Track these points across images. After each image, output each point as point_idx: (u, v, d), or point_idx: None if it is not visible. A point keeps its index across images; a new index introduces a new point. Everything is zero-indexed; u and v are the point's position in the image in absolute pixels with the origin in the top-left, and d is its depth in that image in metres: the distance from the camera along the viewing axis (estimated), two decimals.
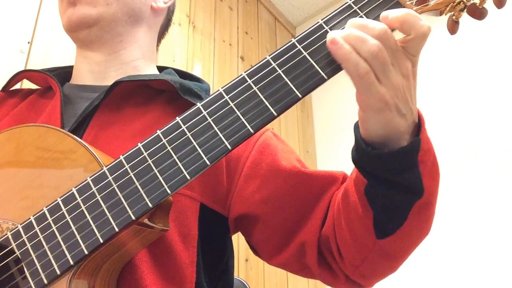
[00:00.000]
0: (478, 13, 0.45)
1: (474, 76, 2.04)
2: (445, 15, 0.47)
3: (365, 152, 0.47)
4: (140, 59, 0.79)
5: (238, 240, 1.71)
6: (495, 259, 1.73)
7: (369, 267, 0.58)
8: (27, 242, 0.48)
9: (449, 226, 1.84)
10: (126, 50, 0.77)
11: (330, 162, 2.42)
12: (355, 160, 0.50)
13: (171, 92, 0.71)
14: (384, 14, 0.45)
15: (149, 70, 0.81)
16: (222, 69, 2.02)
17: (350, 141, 0.50)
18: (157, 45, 0.88)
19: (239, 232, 0.73)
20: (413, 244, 0.56)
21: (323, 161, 2.47)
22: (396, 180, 0.47)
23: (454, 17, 0.46)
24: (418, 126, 0.48)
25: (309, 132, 2.57)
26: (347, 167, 0.65)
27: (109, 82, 0.70)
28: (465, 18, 0.47)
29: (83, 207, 0.47)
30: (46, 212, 0.48)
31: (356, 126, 0.50)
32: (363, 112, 0.46)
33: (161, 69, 0.84)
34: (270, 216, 0.65)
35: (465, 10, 0.46)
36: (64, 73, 0.80)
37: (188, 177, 0.45)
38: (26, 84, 0.84)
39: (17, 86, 0.81)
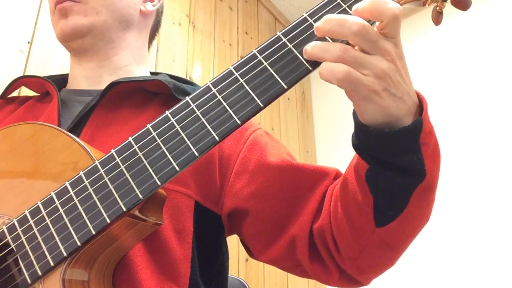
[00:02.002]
0: (462, 3, 0.44)
1: (467, 72, 2.04)
2: (428, 5, 0.47)
3: (365, 133, 0.46)
4: (133, 63, 0.81)
5: (238, 240, 1.71)
6: (494, 258, 1.73)
7: (367, 259, 0.57)
8: (21, 235, 0.49)
9: (447, 225, 1.84)
10: (119, 56, 0.79)
11: (330, 162, 2.41)
12: (355, 145, 0.49)
13: (165, 95, 0.73)
14: (354, 7, 0.44)
15: (142, 73, 0.83)
16: (222, 69, 2.01)
17: (350, 141, 0.50)
18: (149, 46, 0.90)
19: None
20: (413, 233, 0.55)
21: (323, 161, 2.47)
22: (398, 162, 0.46)
23: (437, 7, 0.46)
24: (421, 108, 0.48)
25: (309, 132, 2.57)
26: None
27: (104, 86, 0.72)
28: (450, 9, 0.47)
29: (75, 200, 0.48)
30: (40, 206, 0.49)
31: (354, 112, 0.49)
32: (357, 105, 0.46)
33: (155, 75, 0.86)
34: (259, 210, 0.65)
35: (449, 0, 0.45)
36: (60, 80, 0.82)
37: (177, 168, 0.45)
38: (24, 92, 0.85)
39: (15, 93, 0.83)
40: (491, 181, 1.83)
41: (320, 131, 2.60)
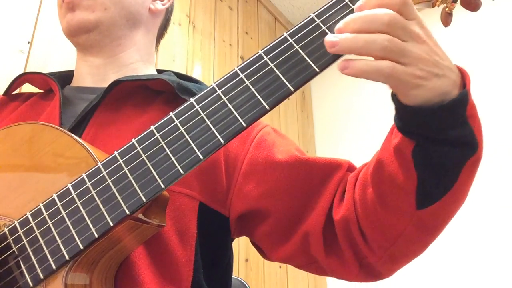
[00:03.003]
0: (472, 4, 0.44)
1: (472, 72, 2.03)
2: (438, 6, 0.46)
3: (413, 113, 0.45)
4: (139, 61, 0.80)
5: (238, 240, 1.71)
6: (494, 258, 1.73)
7: (402, 246, 0.55)
8: (23, 238, 0.49)
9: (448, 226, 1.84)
10: (125, 53, 0.78)
11: None
12: (400, 128, 0.48)
13: (169, 93, 0.72)
14: (358, 3, 0.43)
15: (148, 71, 0.81)
16: (222, 69, 2.02)
17: (350, 141, 0.49)
18: (156, 46, 0.89)
19: None
20: (452, 213, 0.54)
21: None
22: (449, 137, 0.45)
23: (447, 8, 0.46)
24: (463, 80, 0.47)
25: (309, 132, 2.57)
26: None
27: (108, 83, 0.71)
28: (459, 10, 0.46)
29: (78, 202, 0.47)
30: (42, 208, 0.49)
31: (393, 95, 0.47)
32: (404, 96, 0.45)
33: (160, 72, 0.85)
34: (272, 208, 0.64)
35: (458, 1, 0.45)
36: (64, 77, 0.81)
37: (181, 171, 0.45)
38: (27, 88, 0.85)
39: (18, 90, 0.82)
40: (491, 181, 1.83)
41: (320, 131, 2.59)
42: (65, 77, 0.81)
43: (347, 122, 2.40)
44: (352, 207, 0.58)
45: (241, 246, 1.76)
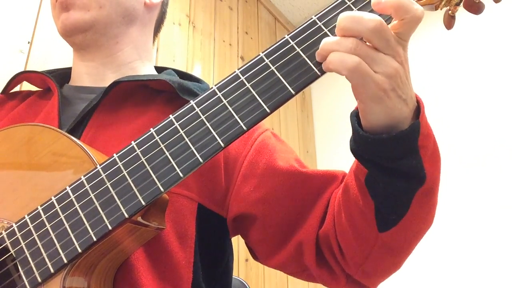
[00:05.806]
0: (475, 7, 0.44)
1: (472, 74, 2.03)
2: (441, 9, 0.46)
3: (364, 139, 0.45)
4: (137, 60, 0.79)
5: (238, 240, 1.70)
6: (495, 258, 1.73)
7: (372, 265, 0.56)
8: (21, 241, 0.48)
9: (448, 226, 1.83)
10: (123, 52, 0.77)
11: (330, 162, 2.41)
12: (353, 150, 0.48)
13: (170, 93, 0.71)
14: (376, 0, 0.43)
15: (147, 70, 0.80)
16: (222, 69, 2.02)
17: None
18: (154, 39, 0.87)
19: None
20: (417, 236, 0.54)
21: (323, 161, 2.46)
22: (397, 167, 0.46)
23: (450, 11, 0.45)
24: (417, 111, 0.47)
25: (309, 132, 2.56)
26: (347, 167, 0.65)
27: (108, 83, 0.70)
28: (462, 13, 0.46)
29: (76, 205, 0.47)
30: (40, 211, 0.48)
31: (353, 115, 0.48)
32: (363, 103, 0.44)
33: (160, 69, 0.84)
34: (267, 215, 0.64)
35: (461, 4, 0.45)
36: (63, 74, 0.80)
37: (181, 174, 0.44)
38: (26, 86, 0.84)
39: (17, 88, 0.81)
40: (491, 181, 1.83)
41: (320, 131, 2.59)
42: (63, 75, 0.80)
43: (347, 123, 2.38)
44: (332, 222, 0.59)
45: (241, 246, 1.76)
